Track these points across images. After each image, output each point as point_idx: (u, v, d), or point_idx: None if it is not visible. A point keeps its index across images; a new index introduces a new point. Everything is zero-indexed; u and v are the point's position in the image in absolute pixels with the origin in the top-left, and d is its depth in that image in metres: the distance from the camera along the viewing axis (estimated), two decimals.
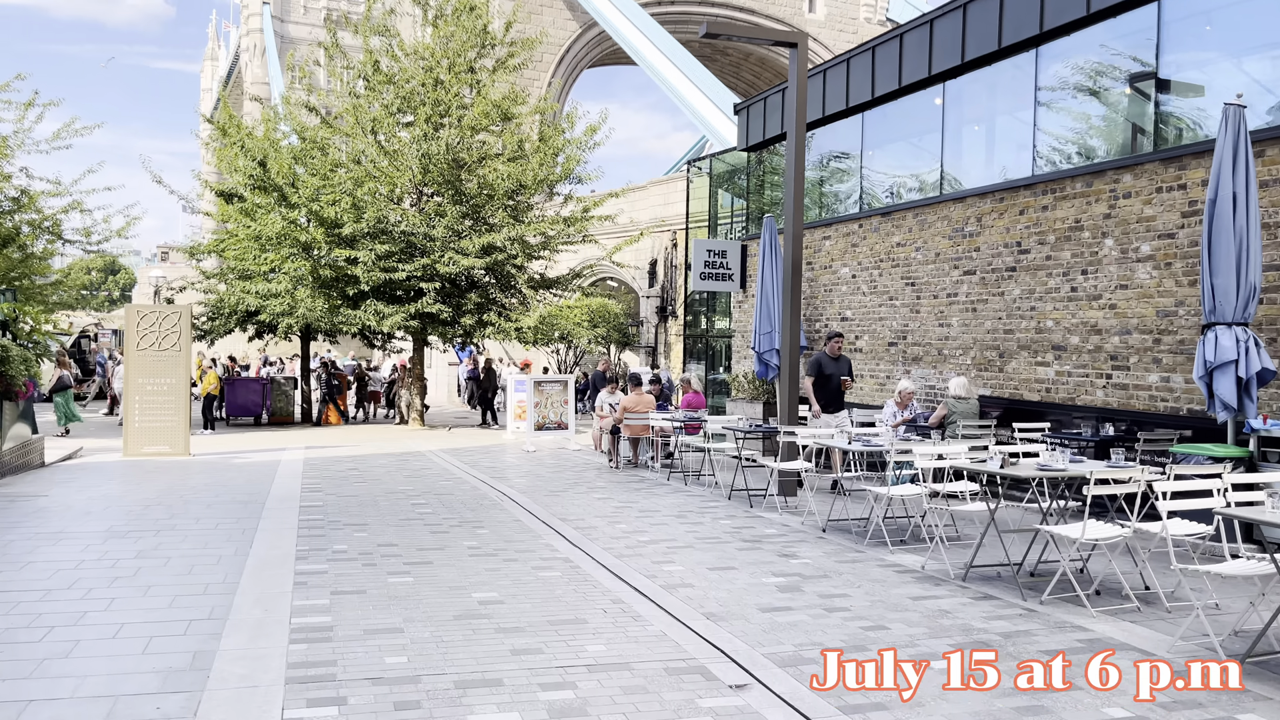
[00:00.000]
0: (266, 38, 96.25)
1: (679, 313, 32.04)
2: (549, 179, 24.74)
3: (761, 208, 17.77)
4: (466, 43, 24.77)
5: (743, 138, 17.39)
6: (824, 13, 50.88)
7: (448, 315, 23.90)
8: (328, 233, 22.71)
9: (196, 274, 28.38)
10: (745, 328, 17.40)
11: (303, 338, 28.48)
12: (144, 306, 17.04)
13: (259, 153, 22.78)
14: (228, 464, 15.28)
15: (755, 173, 17.71)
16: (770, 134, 16.35)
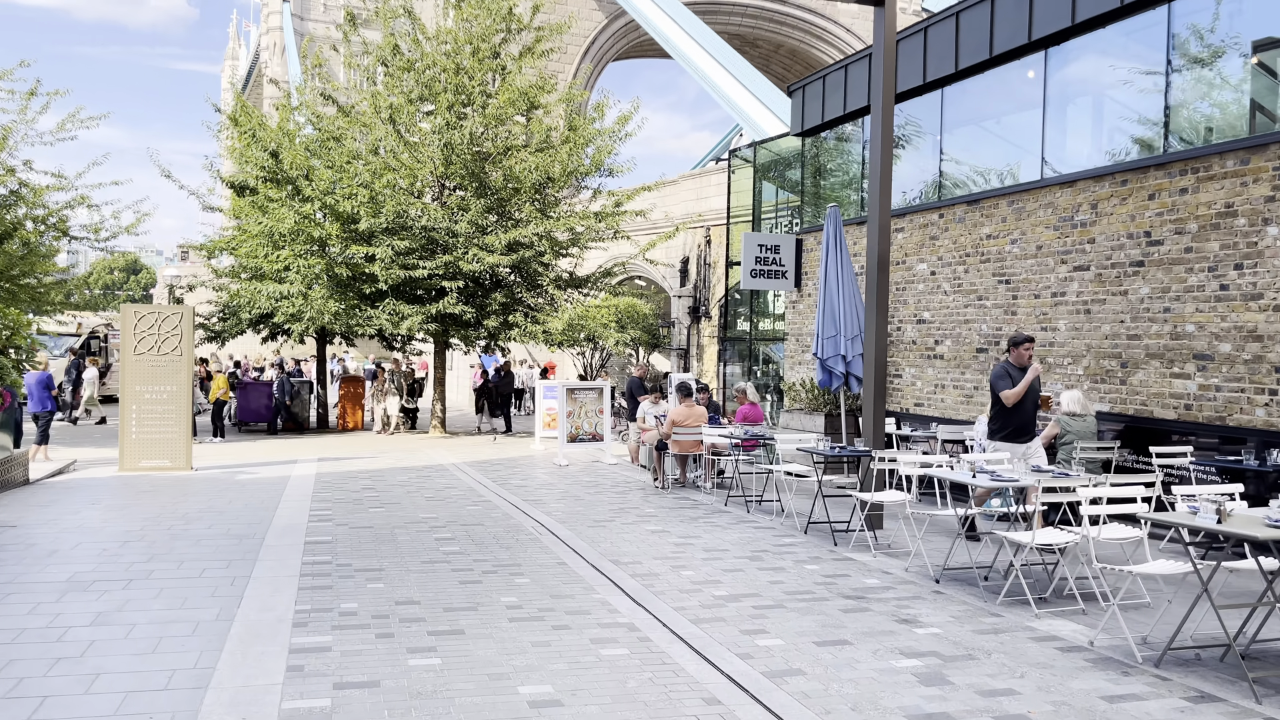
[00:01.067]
0: (286, 36, 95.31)
1: (713, 313, 30.43)
2: (579, 171, 23.21)
3: (819, 198, 16.14)
4: (491, 27, 23.25)
5: (797, 121, 15.77)
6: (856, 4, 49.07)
7: (470, 316, 22.40)
8: (343, 228, 21.26)
9: (208, 273, 27.03)
10: (800, 330, 15.77)
11: (319, 339, 27.08)
12: (141, 307, 15.60)
13: (271, 142, 21.32)
14: (231, 481, 13.80)
15: (811, 160, 16.08)
16: (831, 115, 14.73)
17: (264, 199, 22.00)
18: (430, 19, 32.14)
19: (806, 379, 14.89)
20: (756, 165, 20.18)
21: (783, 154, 20.24)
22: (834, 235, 13.28)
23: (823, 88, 14.96)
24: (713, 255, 30.34)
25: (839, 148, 15.53)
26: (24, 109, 24.39)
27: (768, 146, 20.08)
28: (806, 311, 15.60)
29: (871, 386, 9.66)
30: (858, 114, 14.25)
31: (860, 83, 13.98)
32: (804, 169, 16.19)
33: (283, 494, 12.33)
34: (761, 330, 21.31)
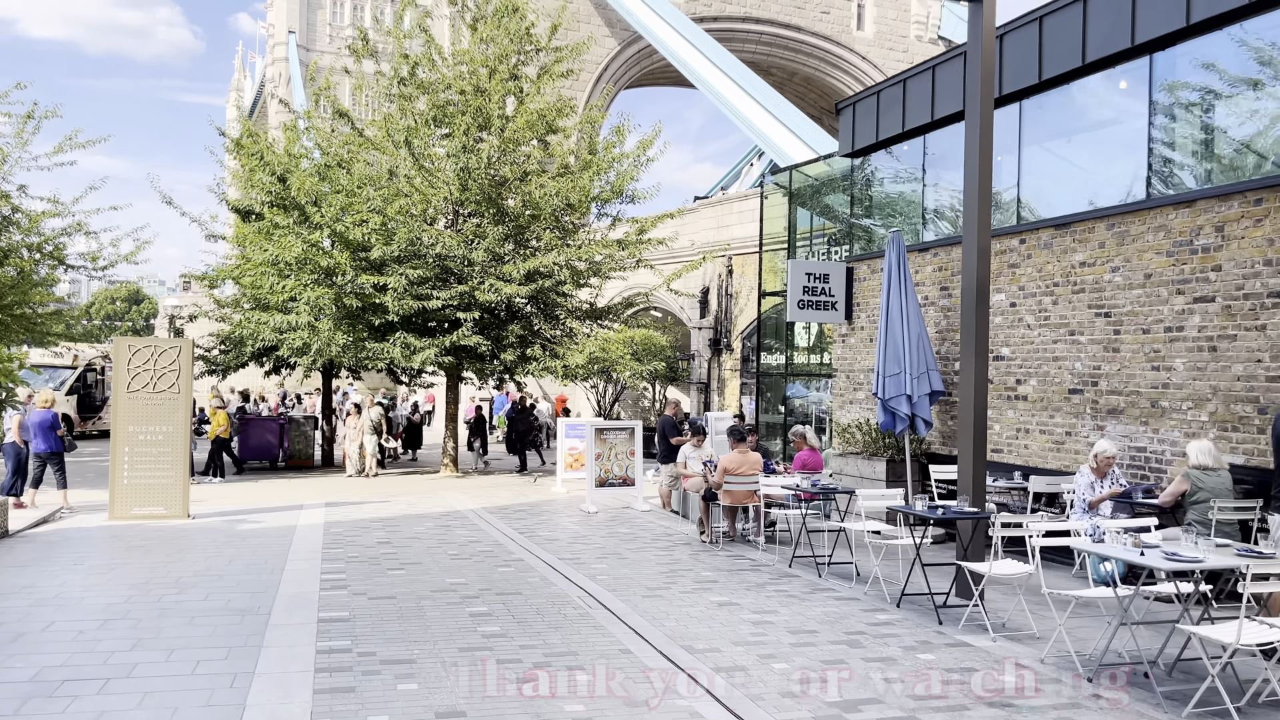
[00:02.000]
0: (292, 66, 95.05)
1: (735, 346, 29.21)
2: (601, 197, 22.07)
3: (870, 222, 14.94)
4: (509, 47, 22.21)
5: (846, 141, 14.60)
6: (873, 30, 48.32)
7: (486, 349, 21.17)
8: (353, 256, 20.08)
9: (210, 302, 25.85)
10: (852, 366, 14.51)
11: (324, 373, 25.84)
12: (136, 340, 14.35)
13: (279, 166, 20.18)
14: (231, 533, 12.49)
15: (861, 182, 14.90)
16: (887, 133, 13.56)
17: (270, 225, 20.84)
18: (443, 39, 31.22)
19: (862, 420, 13.61)
20: (791, 190, 19.02)
21: (820, 178, 19.09)
22: (896, 263, 12.08)
23: (876, 104, 13.81)
24: (735, 285, 29.17)
25: (892, 169, 14.36)
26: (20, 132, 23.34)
27: (804, 171, 18.93)
28: (858, 346, 14.35)
29: (971, 435, 8.38)
30: (918, 131, 13.09)
31: (921, 97, 12.83)
32: (853, 192, 15.01)
33: (289, 550, 11.03)
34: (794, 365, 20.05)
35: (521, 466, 23.93)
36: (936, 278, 12.72)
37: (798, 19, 46.53)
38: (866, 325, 14.15)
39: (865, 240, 14.91)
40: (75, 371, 28.06)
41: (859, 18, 48.21)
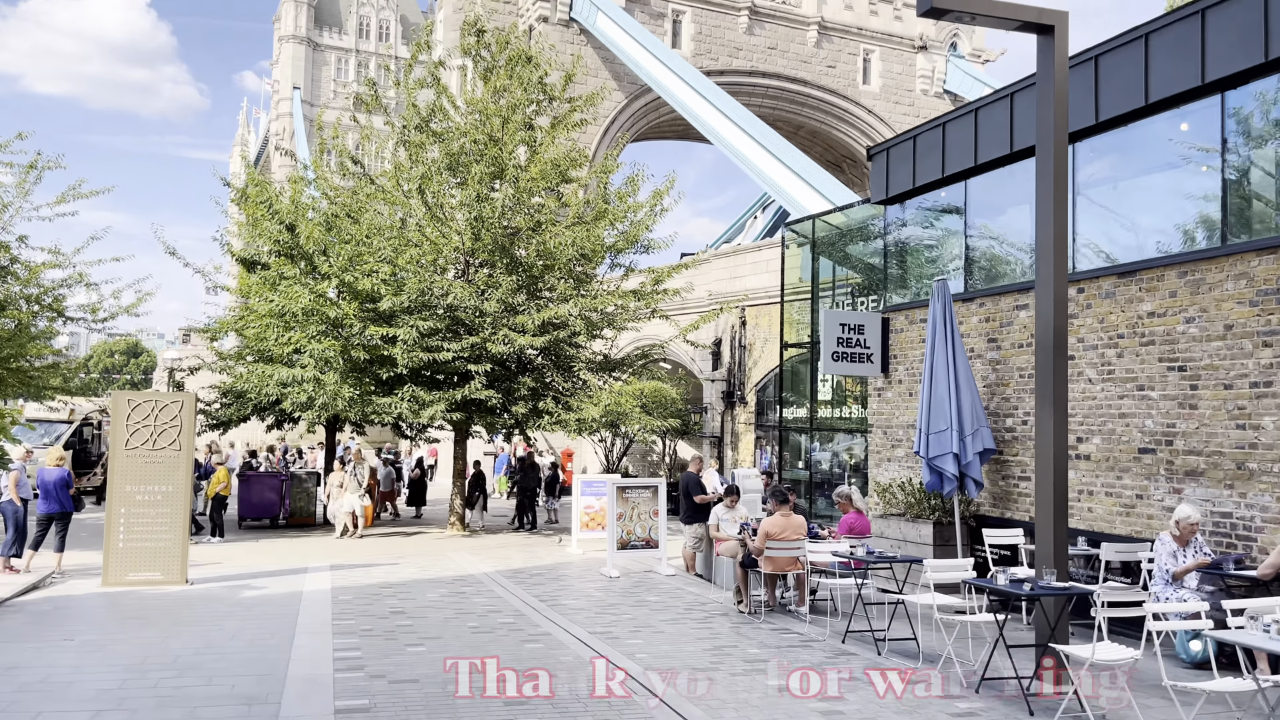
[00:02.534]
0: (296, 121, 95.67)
1: (749, 398, 28.50)
2: (615, 247, 21.55)
3: (905, 272, 14.34)
4: (523, 97, 21.85)
5: (879, 187, 14.05)
6: (878, 84, 48.38)
7: (496, 403, 20.46)
8: (361, 307, 19.45)
9: (212, 355, 25.18)
10: (889, 422, 13.79)
11: (328, 427, 25.07)
12: (135, 394, 13.64)
13: (287, 216, 19.63)
14: (233, 601, 11.67)
15: (895, 230, 14.31)
16: (926, 179, 13.00)
17: (276, 276, 20.24)
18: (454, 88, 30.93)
19: (904, 479, 12.86)
20: (814, 240, 18.48)
21: (845, 227, 18.56)
22: (942, 313, 11.44)
23: (913, 149, 13.27)
24: (749, 336, 28.57)
25: (928, 216, 13.79)
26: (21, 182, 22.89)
27: (827, 220, 18.41)
28: (896, 400, 13.65)
29: (1051, 502, 7.64)
30: (959, 177, 12.53)
31: (962, 142, 12.29)
32: (886, 241, 14.43)
33: (296, 621, 10.20)
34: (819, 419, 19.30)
35: (531, 525, 23.09)
36: (983, 329, 12.07)
37: (804, 73, 46.59)
38: (905, 379, 13.46)
39: (900, 290, 14.29)
40: (71, 426, 27.29)
41: (865, 72, 48.29)
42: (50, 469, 13.97)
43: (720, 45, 44.67)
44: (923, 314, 13.11)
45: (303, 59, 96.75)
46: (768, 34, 45.68)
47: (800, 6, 46.32)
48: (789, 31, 46.18)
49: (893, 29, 48.54)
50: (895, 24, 48.65)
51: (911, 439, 13.26)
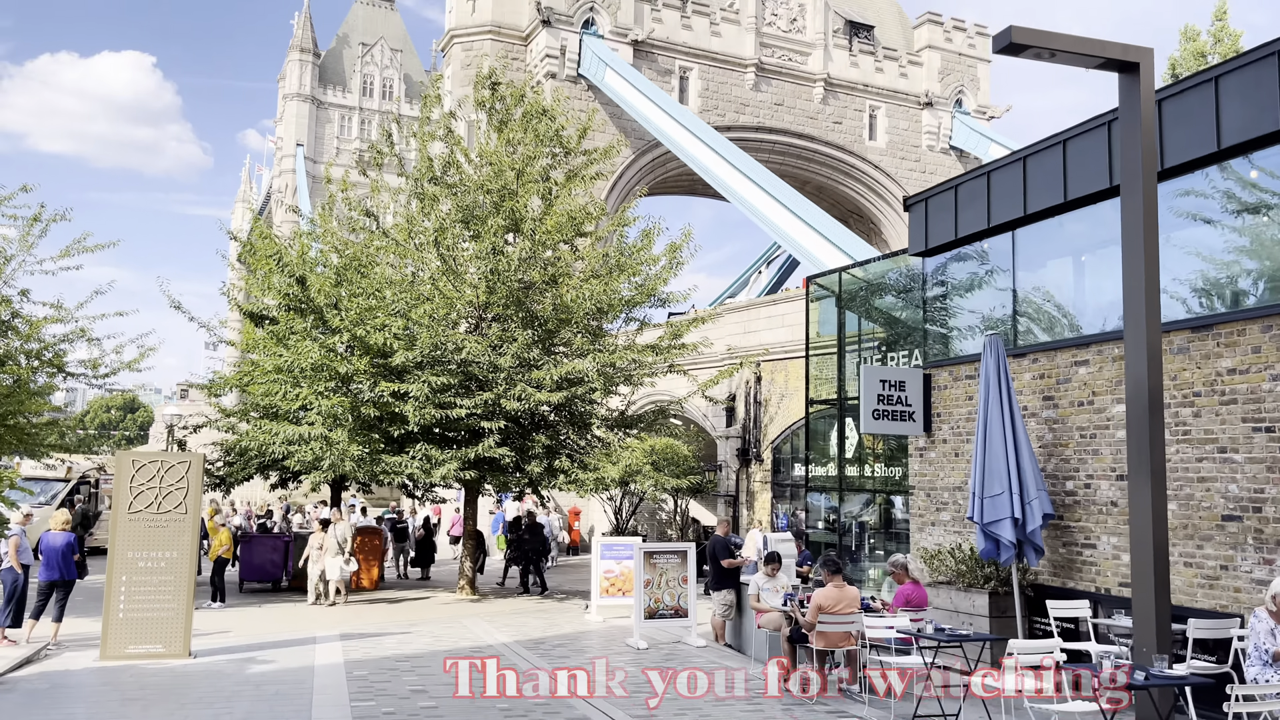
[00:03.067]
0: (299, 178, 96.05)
1: (765, 456, 27.77)
2: (633, 300, 21.04)
3: (946, 326, 13.78)
4: (538, 150, 21.54)
5: (918, 239, 13.55)
6: (885, 140, 48.41)
7: (510, 461, 19.78)
8: (372, 363, 18.86)
9: (213, 411, 24.52)
10: (933, 484, 13.11)
11: (333, 486, 24.30)
12: (140, 453, 12.97)
13: (298, 269, 19.11)
14: (241, 677, 10.87)
15: (933, 283, 13.79)
16: (969, 229, 12.50)
17: (285, 330, 19.67)
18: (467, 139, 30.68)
19: (953, 545, 12.15)
20: (840, 293, 17.96)
21: (873, 280, 18.07)
22: (996, 370, 10.84)
23: (954, 199, 12.80)
24: (764, 392, 27.92)
25: (970, 268, 13.27)
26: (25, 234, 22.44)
27: (854, 273, 17.92)
28: (940, 461, 12.99)
29: (1151, 579, 6.97)
30: (1006, 227, 12.03)
31: (1009, 191, 11.81)
32: (924, 294, 13.89)
33: (311, 701, 9.43)
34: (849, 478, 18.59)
35: (541, 588, 22.23)
36: (1037, 386, 11.46)
37: (810, 129, 46.61)
38: (950, 438, 12.82)
39: (941, 345, 13.72)
40: (68, 484, 26.51)
41: (871, 128, 48.36)
42: (55, 534, 13.25)
43: (727, 101, 44.74)
44: (968, 370, 12.53)
45: (306, 116, 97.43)
46: (774, 90, 45.79)
47: (806, 64, 46.51)
48: (795, 88, 46.30)
49: (898, 85, 48.73)
50: (901, 81, 48.84)
51: (958, 502, 12.60)
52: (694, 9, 44.19)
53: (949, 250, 13.18)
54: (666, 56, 43.53)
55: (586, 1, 41.74)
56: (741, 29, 45.10)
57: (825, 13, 46.77)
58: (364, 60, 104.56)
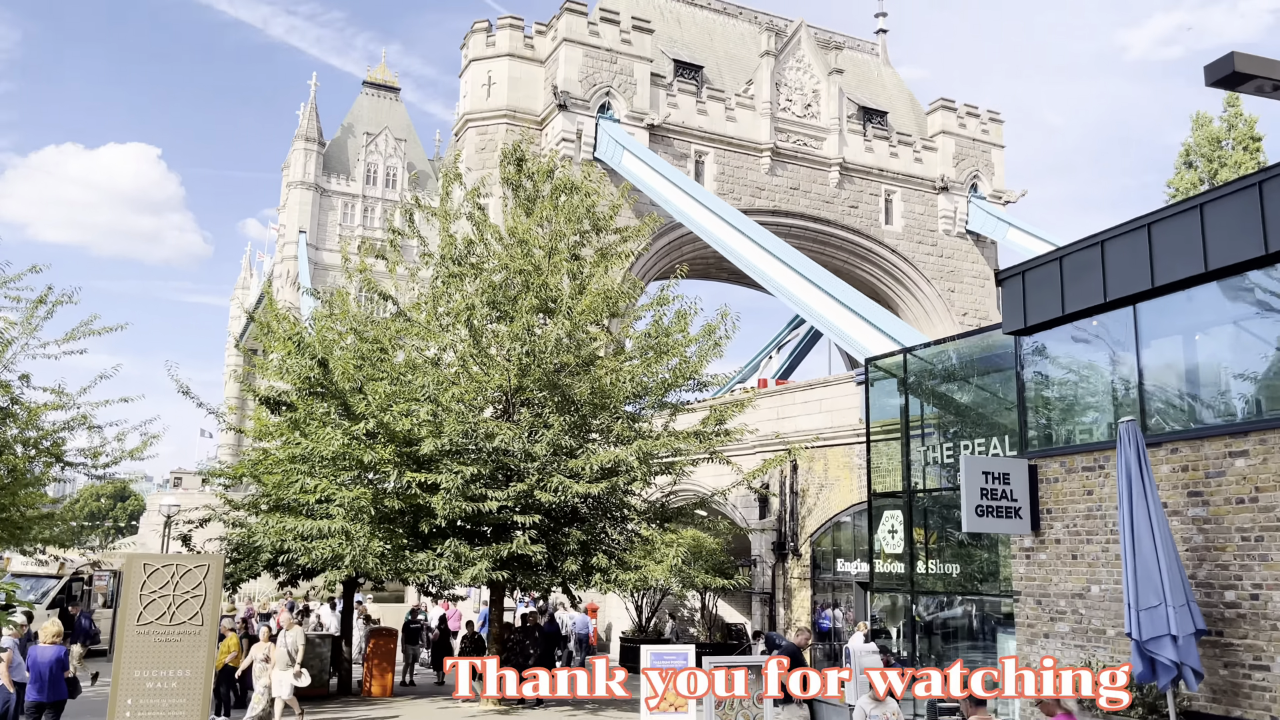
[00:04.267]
0: (301, 265, 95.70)
1: (803, 550, 26.17)
2: (673, 383, 19.84)
3: (1049, 412, 12.50)
4: (568, 227, 20.59)
5: (1014, 315, 12.37)
6: (901, 225, 47.91)
7: (542, 558, 18.30)
8: (397, 451, 17.51)
9: (219, 501, 23.02)
10: (1044, 590, 11.66)
11: (346, 582, 22.64)
12: (153, 557, 11.51)
13: (319, 350, 17.86)
14: None
15: (1037, 363, 12.55)
16: (1080, 304, 11.31)
17: (304, 416, 18.36)
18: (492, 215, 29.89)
19: (1083, 662, 10.64)
20: (906, 376, 16.73)
21: (939, 362, 16.88)
22: (1136, 462, 9.53)
23: (1059, 272, 11.65)
24: (801, 482, 26.46)
25: (1077, 348, 12.06)
26: (29, 317, 21.29)
27: (919, 354, 16.74)
28: (1052, 564, 11.56)
29: None
30: (1126, 301, 10.86)
31: (1130, 261, 10.67)
32: (1023, 375, 12.63)
33: None
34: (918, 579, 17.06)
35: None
36: (1179, 480, 10.13)
37: (826, 213, 46.11)
38: (1064, 537, 11.42)
39: (1042, 433, 12.41)
40: (60, 582, 24.78)
41: (887, 212, 47.90)
42: (45, 647, 11.70)
43: (743, 185, 44.29)
44: (1085, 460, 11.20)
45: (310, 203, 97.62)
46: (790, 174, 45.42)
47: (821, 148, 46.25)
48: (811, 172, 45.95)
49: (913, 170, 48.44)
50: (915, 165, 48.58)
51: (1079, 611, 11.14)
52: (709, 94, 44.05)
53: (1054, 327, 11.98)
54: (682, 141, 43.21)
55: (602, 86, 41.53)
56: (756, 114, 44.92)
57: (839, 99, 46.71)
58: (368, 149, 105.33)
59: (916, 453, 16.82)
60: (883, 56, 53.71)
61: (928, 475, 16.81)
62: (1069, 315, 11.61)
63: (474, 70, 42.90)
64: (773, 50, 45.43)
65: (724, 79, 46.00)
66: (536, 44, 42.97)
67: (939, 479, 16.61)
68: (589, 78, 41.00)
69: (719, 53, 47.81)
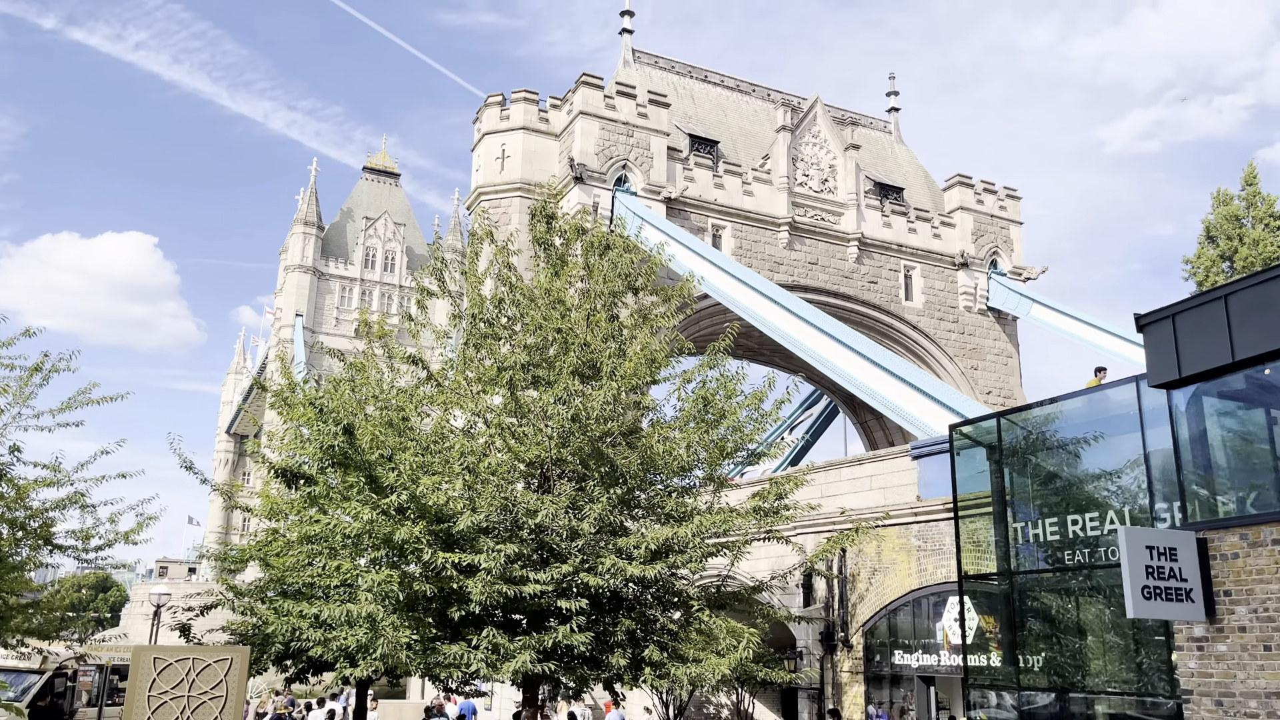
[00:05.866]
0: (297, 347, 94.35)
1: (854, 641, 24.06)
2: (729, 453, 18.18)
3: (1212, 476, 10.82)
4: (606, 286, 19.17)
5: (1165, 365, 10.78)
6: (921, 301, 46.81)
7: (584, 649, 16.26)
8: (427, 528, 15.67)
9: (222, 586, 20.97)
10: (1227, 688, 9.80)
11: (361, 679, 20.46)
12: (164, 650, 9.65)
13: (344, 416, 16.09)
14: None
15: (1192, 421, 10.92)
16: (1252, 349, 9.74)
17: (325, 490, 16.54)
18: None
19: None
20: (1001, 445, 15.07)
21: (1032, 428, 15.25)
22: None
23: (1224, 313, 10.12)
24: (851, 565, 24.51)
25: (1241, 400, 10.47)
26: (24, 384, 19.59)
27: (1016, 420, 15.12)
28: (1237, 656, 9.75)
29: None
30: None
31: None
32: (1175, 436, 10.99)
33: None
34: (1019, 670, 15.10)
35: None
36: None
37: (846, 288, 45.04)
38: (1252, 624, 9.63)
39: (1204, 502, 10.72)
40: (42, 678, 22.48)
41: (906, 288, 46.86)
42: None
43: (761, 260, 43.23)
44: (1274, 532, 9.49)
45: (307, 287, 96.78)
46: (808, 249, 44.45)
47: (839, 223, 45.40)
48: (829, 247, 45.00)
49: (932, 246, 47.57)
50: (934, 242, 47.73)
51: (1275, 713, 9.29)
52: (726, 168, 43.30)
53: (1218, 377, 10.39)
54: (699, 215, 42.29)
55: (618, 159, 40.72)
56: (774, 188, 44.15)
57: (856, 174, 46.07)
58: (367, 233, 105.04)
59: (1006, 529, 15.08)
60: (895, 134, 53.40)
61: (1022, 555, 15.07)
62: (1241, 362, 10.02)
63: (487, 143, 42.15)
64: (789, 125, 44.90)
65: (739, 154, 45.37)
66: (551, 118, 42.34)
67: (1035, 559, 14.86)
68: (605, 150, 40.22)
69: (733, 128, 47.31)
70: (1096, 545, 13.64)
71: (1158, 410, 12.28)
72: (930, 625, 22.22)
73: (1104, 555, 13.49)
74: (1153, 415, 13.13)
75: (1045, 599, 14.54)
